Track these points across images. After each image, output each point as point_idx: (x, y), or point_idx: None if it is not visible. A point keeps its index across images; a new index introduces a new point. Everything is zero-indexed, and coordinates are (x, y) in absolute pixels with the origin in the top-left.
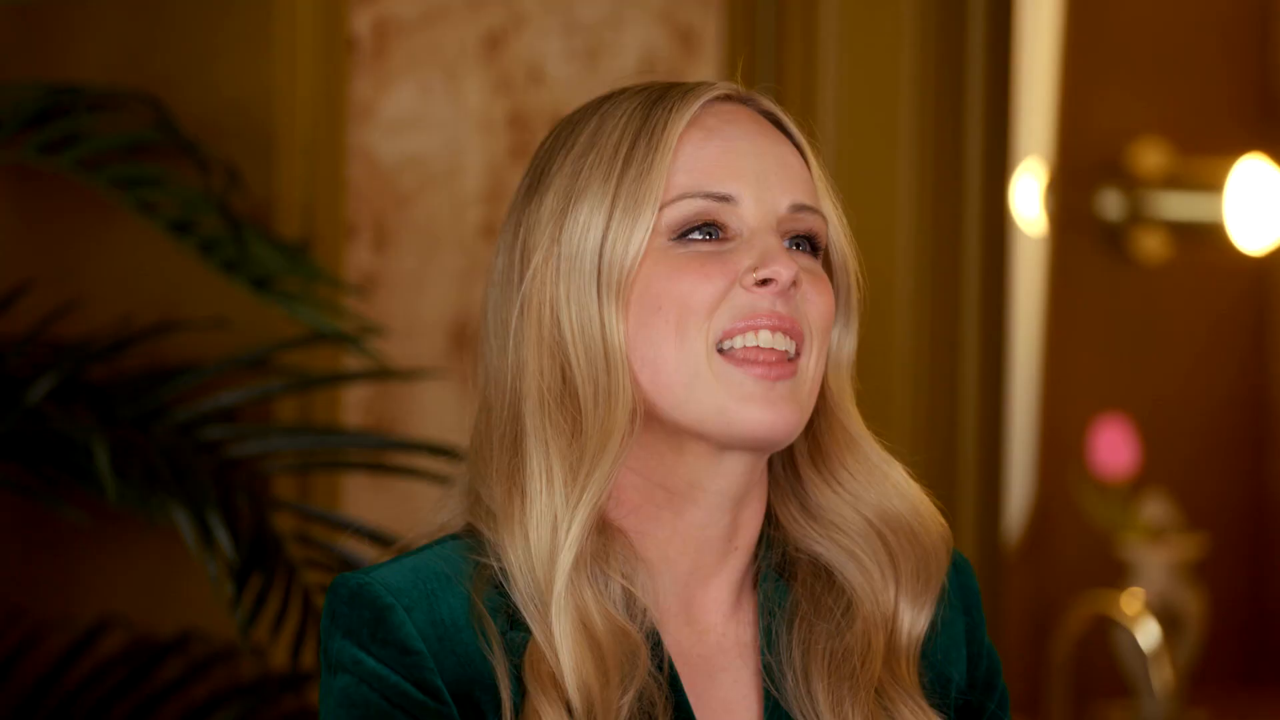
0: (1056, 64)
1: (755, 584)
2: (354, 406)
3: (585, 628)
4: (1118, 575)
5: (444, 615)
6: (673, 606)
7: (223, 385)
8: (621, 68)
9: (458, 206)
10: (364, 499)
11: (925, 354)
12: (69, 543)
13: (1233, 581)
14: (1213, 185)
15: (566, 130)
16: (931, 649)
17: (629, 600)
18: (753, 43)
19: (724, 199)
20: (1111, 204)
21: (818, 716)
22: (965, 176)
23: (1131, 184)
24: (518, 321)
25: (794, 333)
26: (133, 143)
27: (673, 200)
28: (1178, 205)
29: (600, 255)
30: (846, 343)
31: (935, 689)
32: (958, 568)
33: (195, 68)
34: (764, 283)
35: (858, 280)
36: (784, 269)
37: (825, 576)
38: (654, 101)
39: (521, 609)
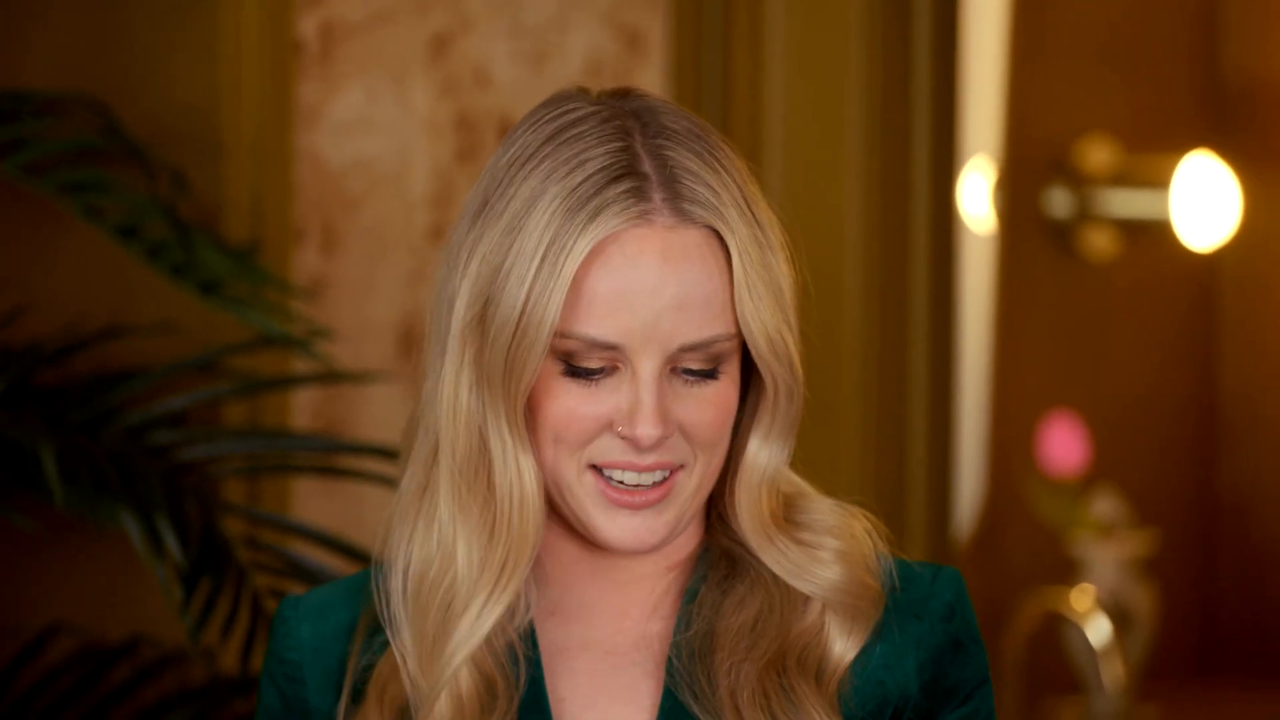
0: (1003, 62)
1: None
2: (302, 410)
3: (453, 695)
4: (1068, 572)
5: (329, 629)
6: (579, 607)
7: (171, 389)
8: (568, 70)
9: (406, 209)
10: (313, 502)
11: (874, 352)
12: (17, 549)
13: (1183, 577)
14: (1160, 182)
15: (510, 172)
16: (867, 658)
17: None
18: (699, 44)
19: (608, 347)
20: (1059, 202)
21: (712, 692)
22: (913, 175)
23: (1079, 181)
24: (430, 390)
25: (662, 465)
26: (79, 148)
27: (561, 335)
28: (1125, 202)
29: (508, 361)
30: (763, 454)
31: (858, 696)
32: (936, 581)
33: (142, 72)
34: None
35: (789, 387)
36: (644, 431)
37: (734, 564)
38: (570, 210)
39: (384, 625)
